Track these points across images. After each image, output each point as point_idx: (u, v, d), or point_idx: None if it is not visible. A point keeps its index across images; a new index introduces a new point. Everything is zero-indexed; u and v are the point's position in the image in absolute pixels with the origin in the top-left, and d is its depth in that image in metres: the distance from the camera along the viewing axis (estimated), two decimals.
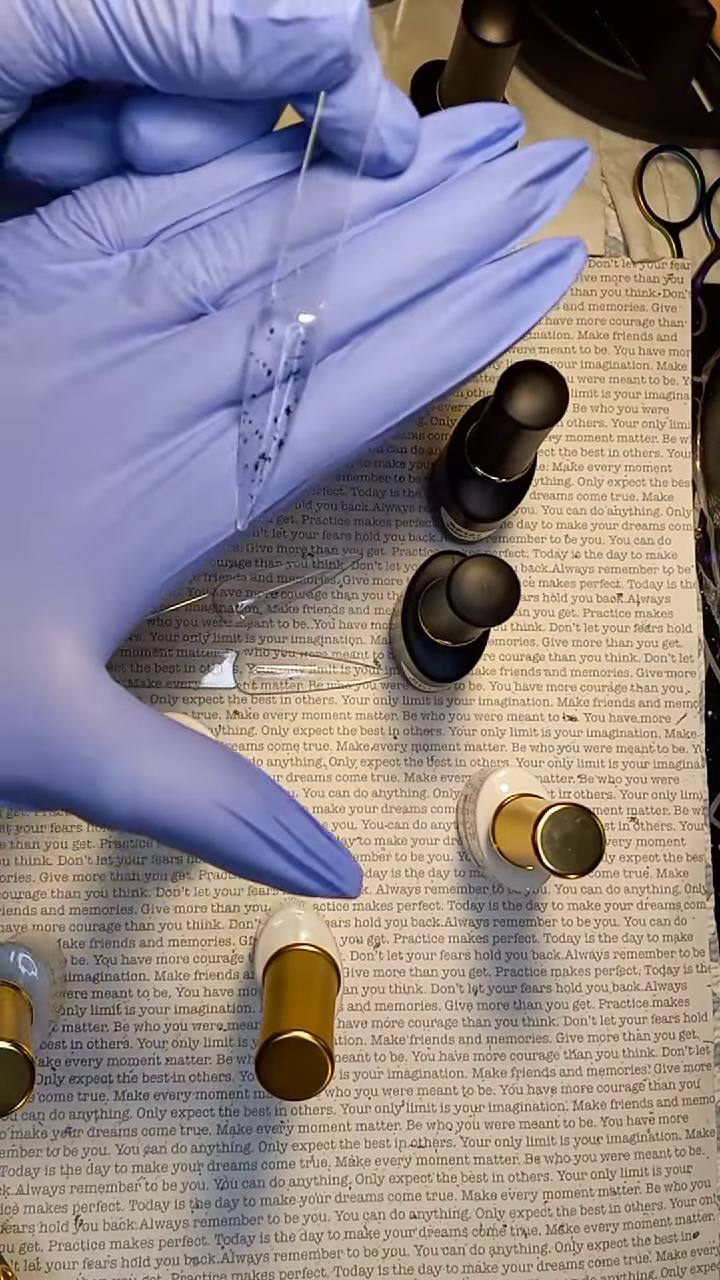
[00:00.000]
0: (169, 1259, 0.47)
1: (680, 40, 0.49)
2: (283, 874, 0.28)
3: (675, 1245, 0.49)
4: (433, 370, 0.28)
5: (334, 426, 0.28)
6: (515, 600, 0.39)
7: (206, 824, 0.27)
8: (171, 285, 0.27)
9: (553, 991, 0.50)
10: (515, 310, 0.29)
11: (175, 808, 0.27)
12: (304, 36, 0.25)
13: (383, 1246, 0.48)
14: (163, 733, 0.28)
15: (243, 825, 0.27)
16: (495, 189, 0.28)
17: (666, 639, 0.52)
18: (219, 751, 0.28)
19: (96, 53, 0.25)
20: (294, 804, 0.29)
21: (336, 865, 0.29)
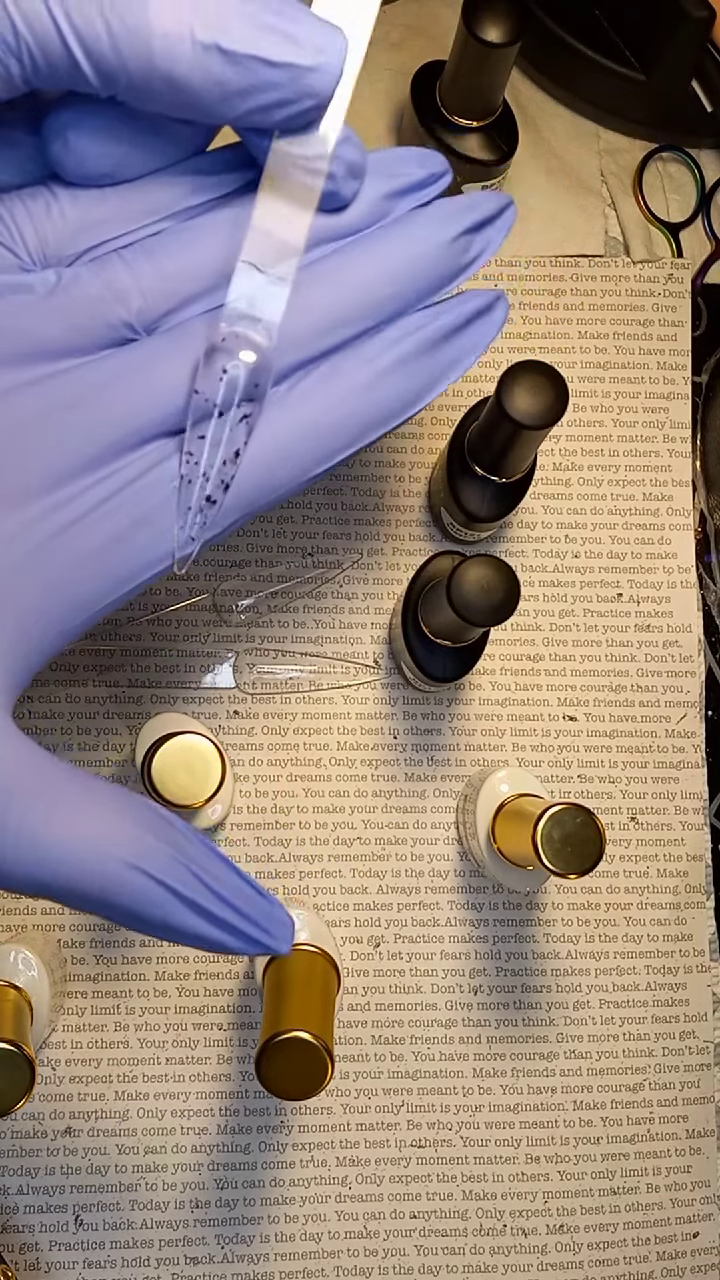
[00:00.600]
0: (169, 1259, 0.47)
1: (680, 40, 0.49)
2: (200, 932, 0.25)
3: (675, 1245, 0.49)
4: (368, 415, 0.28)
5: (274, 463, 0.27)
6: (515, 600, 0.39)
7: (111, 883, 0.25)
8: (100, 307, 0.26)
9: (553, 991, 0.50)
10: (446, 360, 0.29)
11: (76, 868, 0.24)
12: (288, 82, 0.24)
13: (383, 1246, 0.48)
14: (64, 784, 0.25)
15: (152, 882, 0.25)
16: (435, 233, 0.28)
17: (666, 639, 0.52)
18: (124, 800, 0.26)
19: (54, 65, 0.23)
20: (213, 853, 0.26)
21: (262, 919, 0.26)
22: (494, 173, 0.50)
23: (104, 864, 0.25)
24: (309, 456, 0.28)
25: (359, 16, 0.25)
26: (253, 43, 0.23)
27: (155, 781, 0.40)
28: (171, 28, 0.23)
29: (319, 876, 0.49)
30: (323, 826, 0.49)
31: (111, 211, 0.26)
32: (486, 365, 0.52)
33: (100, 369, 0.26)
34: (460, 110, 0.49)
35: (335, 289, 0.27)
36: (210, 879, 0.25)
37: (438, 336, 0.29)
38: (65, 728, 0.49)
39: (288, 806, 0.49)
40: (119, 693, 0.49)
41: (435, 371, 0.29)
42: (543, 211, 0.54)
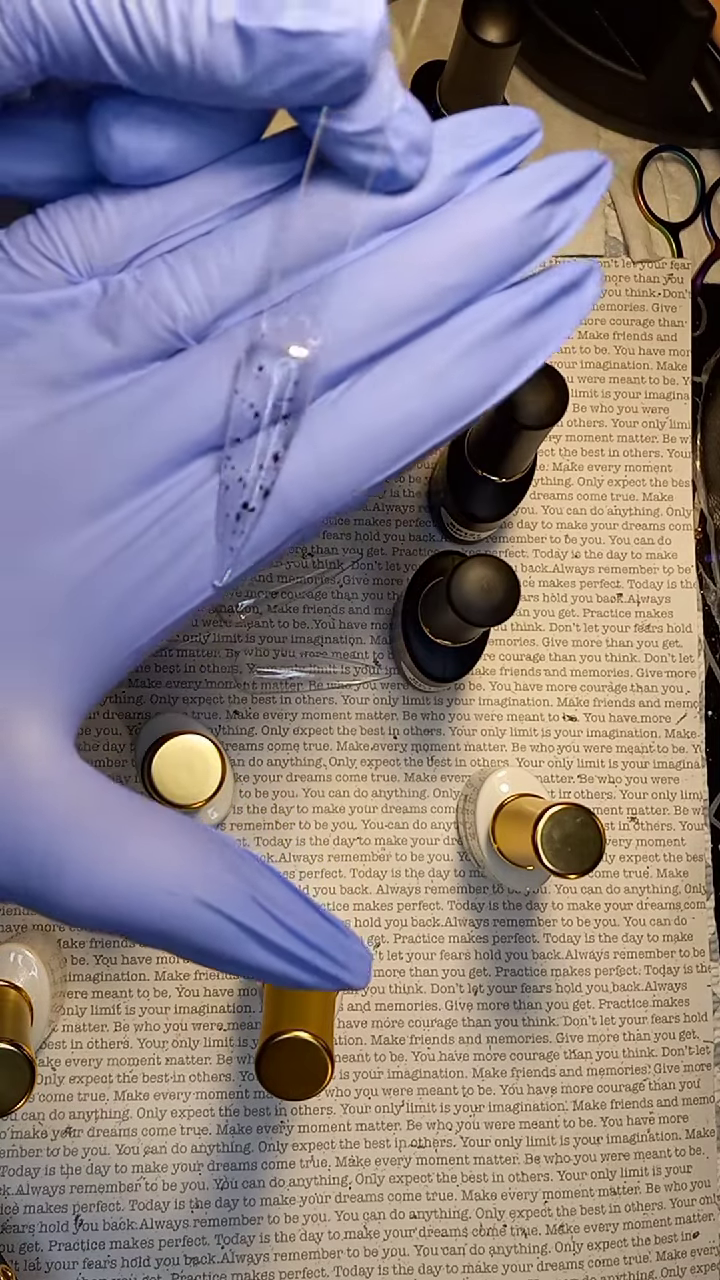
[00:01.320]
0: (169, 1259, 0.47)
1: (680, 40, 0.49)
2: (273, 969, 0.25)
3: (675, 1245, 0.49)
4: (436, 411, 0.25)
5: (327, 474, 0.25)
6: (515, 600, 0.39)
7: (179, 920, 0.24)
8: (147, 318, 0.24)
9: (553, 991, 0.50)
10: (526, 345, 0.26)
11: (142, 903, 0.24)
12: (315, 51, 0.22)
13: (383, 1246, 0.48)
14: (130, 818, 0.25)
15: (221, 918, 0.24)
16: (509, 208, 0.25)
17: (666, 639, 0.52)
18: (193, 833, 0.25)
19: (74, 52, 0.22)
20: (287, 886, 0.25)
21: (337, 952, 0.25)
22: None
23: (172, 900, 0.24)
24: (365, 465, 0.25)
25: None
26: (269, 14, 0.22)
27: (155, 781, 0.40)
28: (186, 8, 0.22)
29: (319, 876, 0.49)
30: (323, 826, 0.49)
31: (158, 214, 0.25)
32: None
33: (148, 384, 0.24)
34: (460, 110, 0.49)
35: (392, 279, 0.24)
36: (283, 913, 0.25)
37: (515, 319, 0.25)
38: None
39: (288, 806, 0.49)
40: (119, 693, 0.49)
41: (509, 361, 0.26)
42: None
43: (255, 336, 0.24)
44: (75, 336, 0.24)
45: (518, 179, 0.25)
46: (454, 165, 0.25)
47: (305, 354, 0.24)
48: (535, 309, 0.25)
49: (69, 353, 0.24)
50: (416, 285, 0.24)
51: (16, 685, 0.24)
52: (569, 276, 0.26)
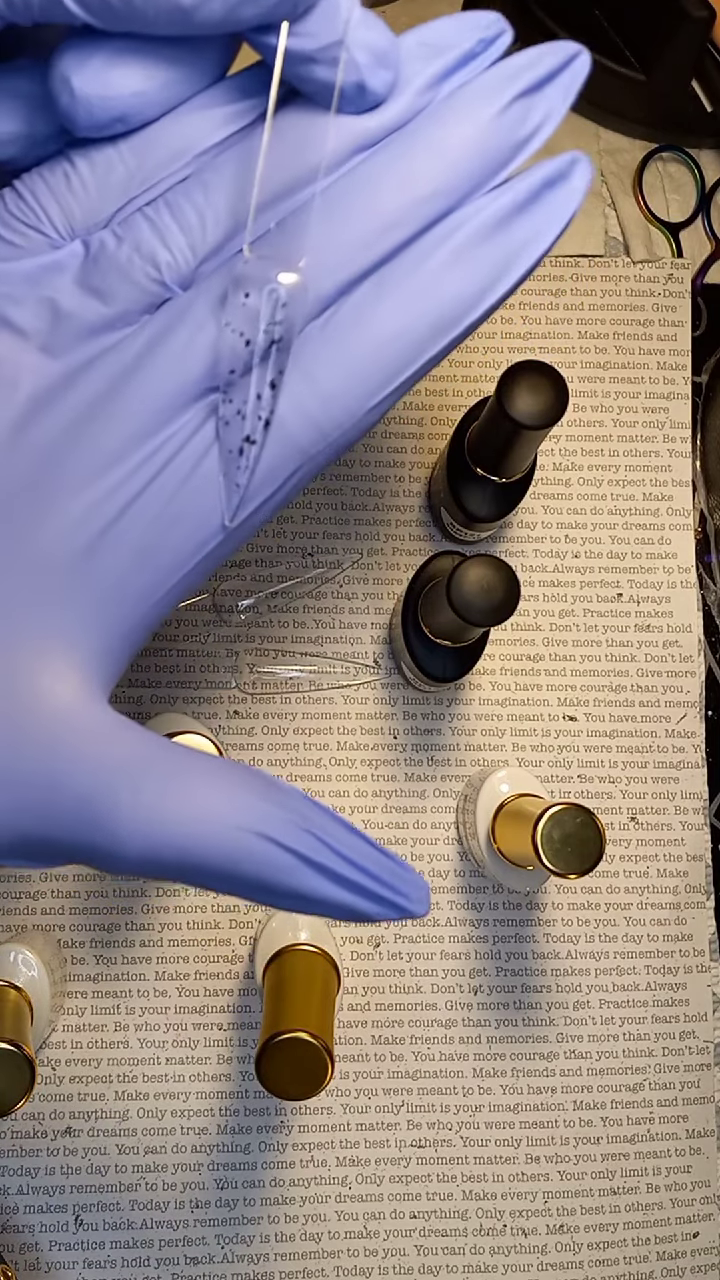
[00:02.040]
0: (169, 1259, 0.47)
1: (680, 40, 0.49)
2: (332, 898, 0.24)
3: (675, 1245, 0.49)
4: (428, 322, 0.24)
5: (324, 401, 0.25)
6: (515, 600, 0.39)
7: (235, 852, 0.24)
8: (131, 272, 0.24)
9: (553, 991, 0.50)
10: (513, 244, 0.25)
11: (198, 839, 0.24)
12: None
13: (383, 1246, 0.48)
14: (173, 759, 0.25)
15: (277, 848, 0.24)
16: (480, 109, 0.24)
17: (666, 639, 0.52)
18: (239, 772, 0.25)
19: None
20: (335, 818, 0.25)
21: (396, 881, 0.25)
22: None
23: (227, 833, 0.24)
24: (361, 388, 0.25)
25: None
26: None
27: None
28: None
29: None
30: None
31: (132, 168, 0.24)
32: (486, 365, 0.53)
33: (139, 338, 0.25)
34: None
35: (371, 196, 0.24)
36: (339, 844, 0.25)
37: (498, 219, 0.24)
38: None
39: None
40: (119, 693, 0.49)
41: (499, 261, 0.25)
42: None
43: (239, 269, 0.24)
44: (65, 300, 0.24)
45: (487, 78, 0.25)
46: (422, 78, 0.24)
47: (291, 278, 0.24)
48: (520, 204, 0.25)
49: (61, 316, 0.24)
50: (395, 198, 0.24)
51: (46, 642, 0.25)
52: (553, 169, 0.25)
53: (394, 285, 0.24)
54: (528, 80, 0.24)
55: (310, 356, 0.24)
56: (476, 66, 0.25)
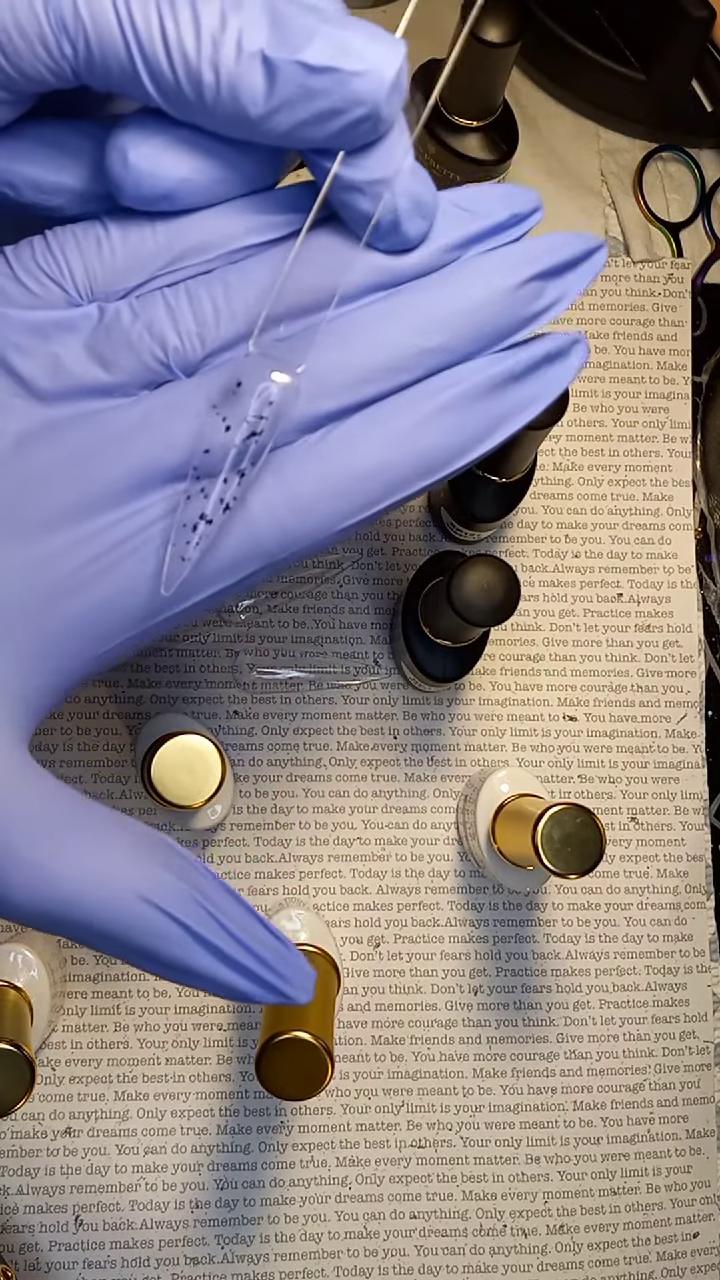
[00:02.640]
0: (169, 1259, 0.47)
1: (680, 40, 0.49)
2: (215, 975, 0.25)
3: (675, 1245, 0.49)
4: (408, 465, 0.26)
5: (297, 512, 0.25)
6: (515, 600, 0.39)
7: (123, 917, 0.24)
8: (139, 348, 0.25)
9: (553, 991, 0.50)
10: (504, 408, 0.26)
11: (87, 899, 0.24)
12: (334, 88, 0.23)
13: (383, 1246, 0.48)
14: (77, 815, 0.25)
15: (167, 919, 0.24)
16: (500, 278, 0.26)
17: (666, 639, 0.52)
18: (145, 837, 0.25)
19: (108, 58, 0.23)
20: (230, 893, 0.25)
21: (280, 964, 0.25)
22: (494, 173, 0.50)
23: (118, 898, 0.24)
24: (336, 508, 0.26)
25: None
26: (294, 48, 0.23)
27: (155, 781, 0.40)
28: (219, 31, 0.23)
29: (319, 876, 0.49)
30: (323, 826, 0.49)
31: (162, 247, 0.25)
32: None
33: (132, 411, 0.25)
34: (460, 110, 0.49)
35: (380, 334, 0.25)
36: (229, 921, 0.25)
37: (494, 383, 0.26)
38: (65, 728, 0.49)
39: (288, 806, 0.49)
40: (119, 693, 0.49)
41: (486, 423, 0.26)
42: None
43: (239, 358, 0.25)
44: (69, 359, 0.25)
45: (512, 251, 0.26)
46: (452, 236, 0.26)
47: (284, 379, 0.25)
48: (517, 375, 0.26)
49: (60, 373, 0.25)
50: (402, 343, 0.25)
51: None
52: (554, 346, 0.27)
53: (387, 422, 0.25)
54: (548, 263, 0.26)
55: (294, 469, 0.25)
56: (505, 238, 0.26)
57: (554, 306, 0.26)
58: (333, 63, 0.23)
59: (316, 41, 0.23)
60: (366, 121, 0.24)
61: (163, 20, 0.23)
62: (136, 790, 0.49)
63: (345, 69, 0.23)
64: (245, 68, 0.23)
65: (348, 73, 0.23)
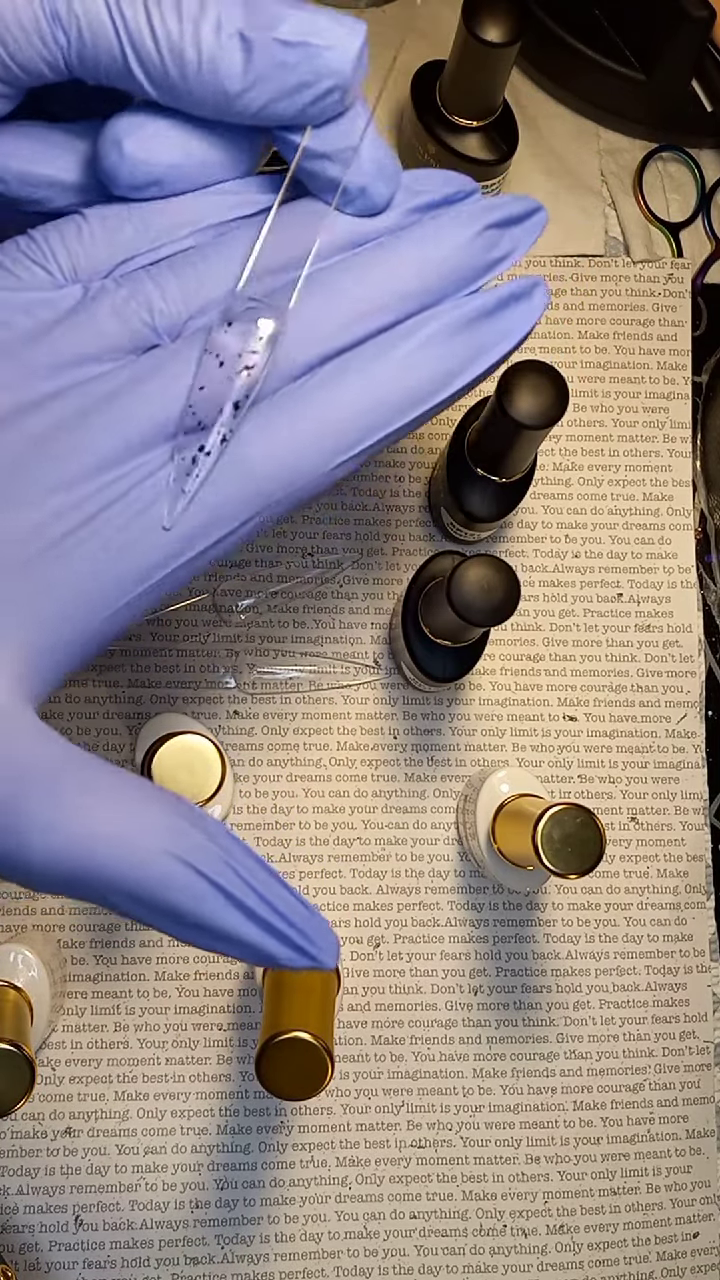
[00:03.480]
0: (169, 1259, 0.47)
1: (680, 40, 0.49)
2: (244, 935, 0.24)
3: (675, 1245, 0.49)
4: (395, 398, 0.27)
5: (294, 452, 0.27)
6: (515, 600, 0.39)
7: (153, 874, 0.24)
8: (125, 313, 0.26)
9: (553, 991, 0.50)
10: (479, 342, 0.28)
11: (111, 856, 0.23)
12: (305, 61, 0.25)
13: (383, 1246, 0.48)
14: (99, 775, 0.25)
15: (195, 874, 0.24)
16: (460, 228, 0.28)
17: (666, 639, 0.52)
18: (165, 796, 0.25)
19: (98, 44, 0.25)
20: (256, 859, 0.25)
21: (309, 928, 0.25)
22: (494, 173, 0.50)
23: (142, 853, 0.24)
24: (331, 445, 0.27)
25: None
26: (269, 27, 0.25)
27: (155, 781, 0.40)
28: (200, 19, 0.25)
29: (319, 876, 0.49)
30: (323, 826, 0.49)
31: (139, 228, 0.27)
32: None
33: (122, 374, 0.26)
34: (460, 110, 0.49)
35: (357, 284, 0.27)
36: (259, 884, 0.24)
37: (467, 319, 0.28)
38: (65, 728, 0.49)
39: (288, 806, 0.49)
40: (119, 693, 0.49)
41: (468, 352, 0.28)
42: None
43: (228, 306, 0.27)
44: (56, 329, 0.26)
45: (466, 207, 0.29)
46: (410, 204, 0.29)
47: (271, 325, 0.26)
48: (489, 310, 0.28)
49: (49, 344, 0.26)
50: (381, 288, 0.27)
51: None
52: (518, 287, 0.29)
53: (375, 359, 0.27)
54: (499, 216, 0.29)
55: (289, 409, 0.27)
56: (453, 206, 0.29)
57: (509, 256, 0.29)
58: (304, 37, 0.25)
59: (288, 21, 0.25)
60: (334, 92, 0.26)
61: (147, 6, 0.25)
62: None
63: (315, 42, 0.25)
64: (224, 46, 0.25)
65: (318, 46, 0.25)
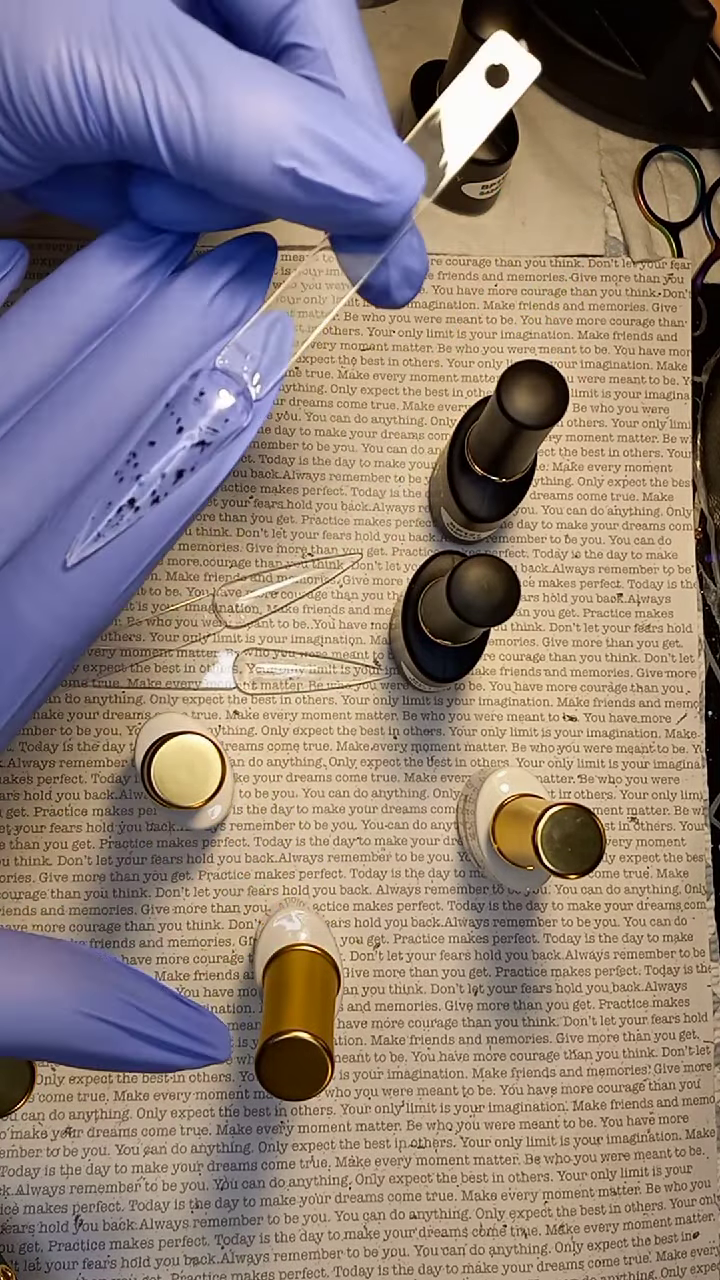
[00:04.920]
0: (169, 1259, 0.47)
1: (680, 40, 0.49)
2: (152, 1059, 0.28)
3: (675, 1245, 0.49)
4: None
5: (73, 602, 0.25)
6: (515, 600, 0.39)
7: (66, 1031, 0.26)
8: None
9: (553, 991, 0.50)
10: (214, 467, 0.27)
11: (33, 1025, 0.26)
12: (357, 212, 0.25)
13: (383, 1246, 0.48)
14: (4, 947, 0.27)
15: (104, 1024, 0.27)
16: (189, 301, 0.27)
17: (666, 639, 0.52)
18: (64, 953, 0.27)
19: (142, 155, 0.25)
20: (147, 981, 0.28)
21: (203, 1033, 0.28)
22: (494, 173, 0.50)
23: (57, 1015, 0.26)
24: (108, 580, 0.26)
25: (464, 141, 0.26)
26: (328, 174, 0.24)
27: (155, 781, 0.40)
28: (253, 147, 0.24)
29: (319, 876, 0.49)
30: (323, 826, 0.49)
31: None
32: (486, 365, 0.53)
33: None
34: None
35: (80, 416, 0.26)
36: (155, 1009, 0.27)
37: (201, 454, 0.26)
38: (65, 728, 0.49)
39: (288, 806, 0.49)
40: (119, 693, 0.49)
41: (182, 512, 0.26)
42: (543, 211, 0.54)
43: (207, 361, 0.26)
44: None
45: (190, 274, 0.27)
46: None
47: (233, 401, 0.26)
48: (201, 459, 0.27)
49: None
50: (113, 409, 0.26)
51: None
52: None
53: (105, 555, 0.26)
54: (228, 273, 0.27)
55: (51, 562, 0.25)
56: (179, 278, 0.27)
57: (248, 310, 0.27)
58: (361, 194, 0.24)
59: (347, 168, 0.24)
60: (381, 234, 0.26)
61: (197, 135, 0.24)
62: (136, 790, 0.49)
63: (371, 200, 0.24)
64: (275, 179, 0.24)
65: (372, 203, 0.25)
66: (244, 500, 0.51)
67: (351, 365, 0.52)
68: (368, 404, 0.52)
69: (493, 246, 0.54)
